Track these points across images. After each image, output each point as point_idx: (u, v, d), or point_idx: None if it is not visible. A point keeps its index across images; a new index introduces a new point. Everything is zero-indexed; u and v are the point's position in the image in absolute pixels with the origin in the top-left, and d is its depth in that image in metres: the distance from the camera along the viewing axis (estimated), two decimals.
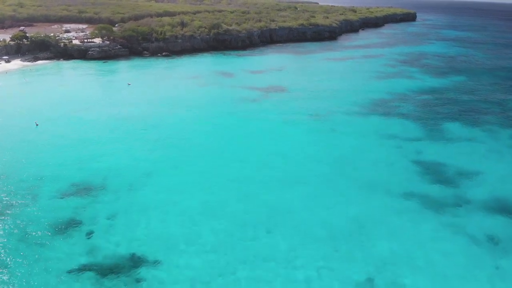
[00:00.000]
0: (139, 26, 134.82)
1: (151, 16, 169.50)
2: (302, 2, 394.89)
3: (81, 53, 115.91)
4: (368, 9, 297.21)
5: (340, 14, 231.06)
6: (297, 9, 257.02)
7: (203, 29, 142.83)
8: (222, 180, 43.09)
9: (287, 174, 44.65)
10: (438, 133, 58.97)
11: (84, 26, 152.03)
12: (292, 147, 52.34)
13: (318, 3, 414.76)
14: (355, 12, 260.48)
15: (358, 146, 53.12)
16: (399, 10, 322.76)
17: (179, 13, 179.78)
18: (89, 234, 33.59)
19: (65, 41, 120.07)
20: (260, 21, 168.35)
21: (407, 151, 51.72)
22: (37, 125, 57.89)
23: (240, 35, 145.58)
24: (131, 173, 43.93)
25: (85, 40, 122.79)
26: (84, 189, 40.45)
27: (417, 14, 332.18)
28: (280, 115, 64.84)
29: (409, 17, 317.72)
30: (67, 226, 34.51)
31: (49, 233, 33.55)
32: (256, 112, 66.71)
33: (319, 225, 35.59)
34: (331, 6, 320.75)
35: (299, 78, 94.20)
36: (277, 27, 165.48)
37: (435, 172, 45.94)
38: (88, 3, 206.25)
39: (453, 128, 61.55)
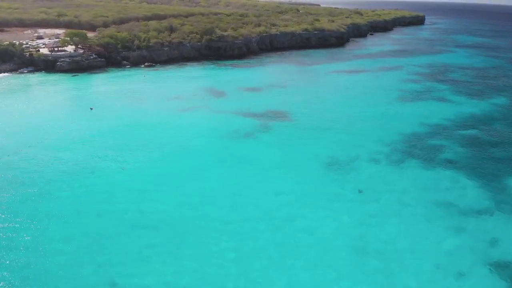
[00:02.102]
0: (119, 32, 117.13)
1: (137, 19, 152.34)
2: (304, 4, 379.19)
3: (48, 64, 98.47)
4: (374, 11, 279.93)
5: (346, 17, 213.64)
6: (299, 11, 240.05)
7: (194, 35, 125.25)
8: None
9: None
10: (509, 199, 41.16)
11: (61, 31, 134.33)
12: (299, 240, 34.13)
13: (319, 5, 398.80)
14: (362, 15, 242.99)
15: (401, 228, 35.14)
16: (407, 13, 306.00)
17: (169, 16, 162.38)
18: None
19: (32, 50, 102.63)
20: (259, 25, 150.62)
21: (476, 239, 33.83)
22: None
23: (236, 41, 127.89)
24: None
25: (55, 49, 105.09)
26: None
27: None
28: (283, 168, 46.82)
29: (417, 21, 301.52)
30: None
31: None
32: (249, 158, 49.01)
33: None
34: (335, 8, 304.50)
35: (305, 99, 76.50)
36: (278, 32, 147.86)
37: None
38: (72, 5, 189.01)
39: None
